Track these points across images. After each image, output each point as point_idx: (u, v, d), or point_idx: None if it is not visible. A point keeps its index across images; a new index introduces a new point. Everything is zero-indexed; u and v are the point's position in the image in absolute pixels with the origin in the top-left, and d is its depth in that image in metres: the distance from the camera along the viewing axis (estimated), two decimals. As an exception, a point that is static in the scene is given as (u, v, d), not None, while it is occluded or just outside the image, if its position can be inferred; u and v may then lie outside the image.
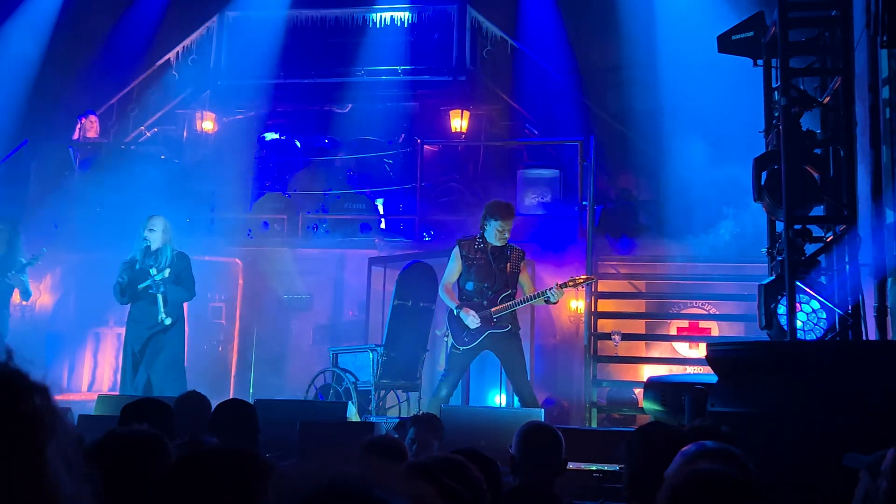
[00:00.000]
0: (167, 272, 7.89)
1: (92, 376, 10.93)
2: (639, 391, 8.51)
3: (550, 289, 7.08)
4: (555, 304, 7.40)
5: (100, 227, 10.58)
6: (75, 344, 10.89)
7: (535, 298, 7.17)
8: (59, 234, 10.67)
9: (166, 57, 13.88)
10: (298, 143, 13.45)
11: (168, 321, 7.89)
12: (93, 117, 12.47)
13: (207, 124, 13.57)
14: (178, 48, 13.98)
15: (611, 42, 12.47)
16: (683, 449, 2.56)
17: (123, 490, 2.05)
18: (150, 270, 7.88)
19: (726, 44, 6.74)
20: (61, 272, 11.07)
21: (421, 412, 5.78)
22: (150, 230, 8.00)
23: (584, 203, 10.24)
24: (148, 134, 13.81)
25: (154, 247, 7.99)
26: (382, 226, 11.58)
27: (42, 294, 10.83)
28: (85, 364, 10.92)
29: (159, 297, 7.87)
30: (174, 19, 14.11)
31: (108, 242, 9.60)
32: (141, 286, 7.92)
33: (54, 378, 10.31)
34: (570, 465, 3.75)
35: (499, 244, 7.18)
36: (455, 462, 2.09)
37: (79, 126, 12.22)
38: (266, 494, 1.58)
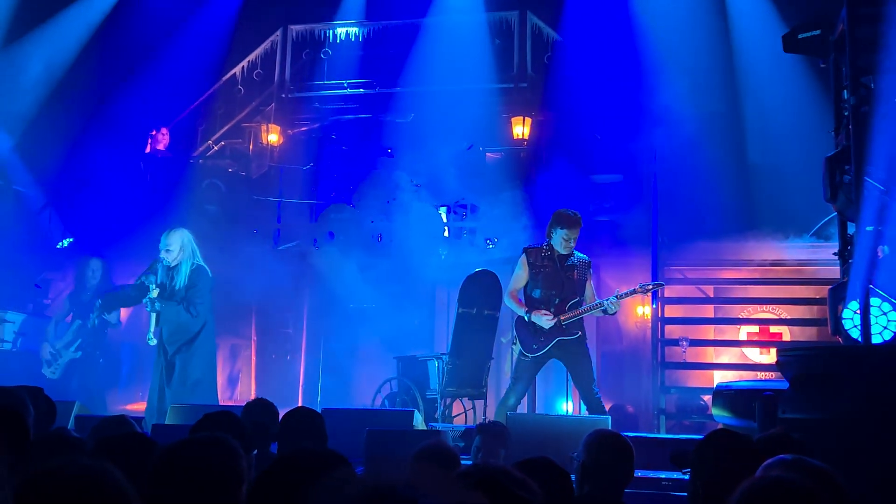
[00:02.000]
0: (156, 291, 7.72)
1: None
2: (708, 398, 8.37)
3: (608, 299, 7.02)
4: (612, 314, 7.30)
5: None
6: (148, 355, 11.12)
7: (593, 308, 7.11)
8: (132, 247, 10.93)
9: (232, 72, 14.20)
10: (362, 154, 13.57)
11: (153, 342, 7.78)
12: (164, 130, 12.82)
13: (272, 136, 13.78)
14: (244, 63, 14.28)
15: (682, 45, 12.32)
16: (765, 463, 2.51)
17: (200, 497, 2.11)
18: (150, 286, 7.76)
19: (792, 43, 6.62)
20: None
21: (487, 420, 5.77)
22: (168, 250, 7.84)
23: (649, 208, 10.12)
24: (215, 147, 14.12)
25: (171, 264, 7.84)
26: (446, 234, 11.60)
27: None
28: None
29: (153, 315, 7.78)
30: (240, 35, 14.41)
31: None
32: (143, 301, 7.87)
33: (131, 389, 10.62)
34: (639, 474, 3.72)
35: (565, 252, 7.15)
36: (503, 471, 2.07)
37: (150, 140, 12.55)
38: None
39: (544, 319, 7.01)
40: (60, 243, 11.93)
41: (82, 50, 13.67)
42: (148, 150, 12.47)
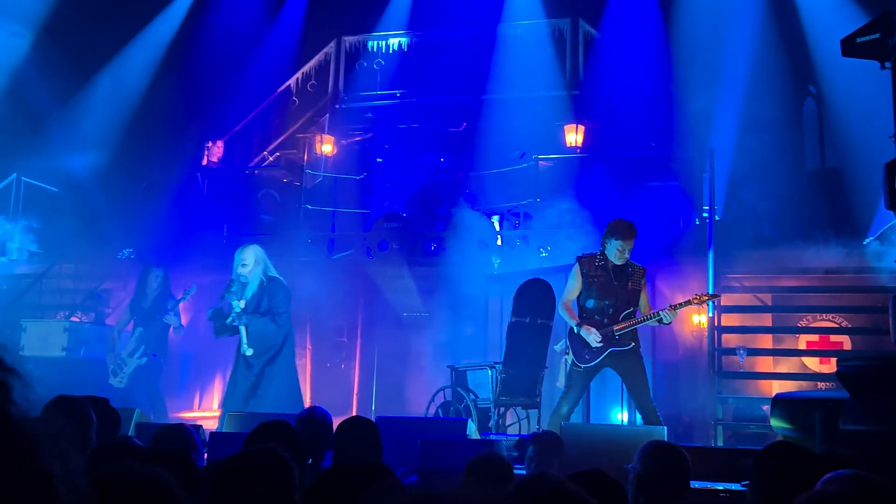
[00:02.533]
0: (243, 303, 7.87)
1: (222, 395, 11.31)
2: (767, 407, 8.23)
3: (663, 310, 6.94)
4: (668, 324, 7.21)
5: (227, 249, 11.02)
6: (206, 363, 11.31)
7: (648, 319, 7.04)
8: (189, 255, 11.12)
9: (287, 83, 14.41)
10: (414, 163, 13.65)
11: (249, 352, 7.89)
12: (219, 143, 13.06)
13: (326, 147, 13.92)
14: (298, 74, 14.48)
15: (739, 51, 12.19)
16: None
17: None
18: (233, 303, 7.91)
19: (850, 47, 6.50)
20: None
21: (540, 430, 5.74)
22: (243, 265, 7.98)
23: (705, 215, 10.01)
24: (270, 158, 14.33)
25: (248, 279, 7.97)
26: (499, 242, 11.59)
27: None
28: (215, 383, 11.32)
29: (242, 328, 7.92)
30: (294, 47, 14.64)
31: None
32: (227, 321, 8.00)
33: (187, 396, 10.82)
34: (696, 485, 3.67)
35: (619, 262, 7.10)
36: (558, 484, 2.07)
37: (206, 152, 12.81)
38: None
39: (592, 337, 6.96)
40: (121, 253, 12.19)
41: (148, 69, 14.09)
42: (204, 161, 12.71)
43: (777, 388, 8.72)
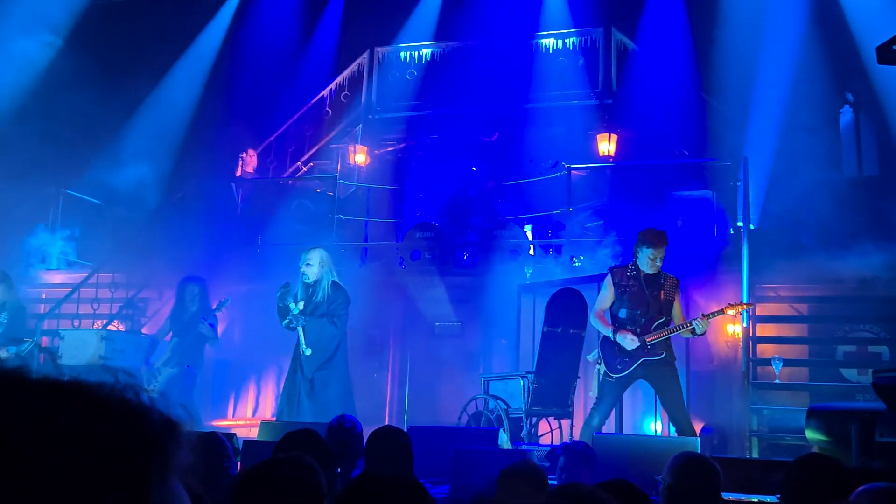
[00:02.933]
0: (301, 304, 8.04)
1: (255, 403, 11.40)
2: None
3: (695, 319, 6.90)
4: (701, 335, 7.15)
5: (261, 259, 11.13)
6: (240, 372, 11.41)
7: (681, 329, 6.99)
8: (224, 266, 11.23)
9: (320, 94, 14.52)
10: (446, 173, 13.68)
11: (308, 352, 8.02)
12: (251, 152, 13.18)
13: (360, 157, 14.00)
14: (332, 85, 14.59)
15: (773, 59, 12.09)
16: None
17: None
18: (290, 305, 8.08)
19: (886, 54, 6.42)
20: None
21: (571, 440, 5.73)
22: (308, 264, 8.18)
23: (739, 224, 9.93)
24: (304, 169, 14.44)
25: (311, 280, 8.17)
26: (531, 252, 11.58)
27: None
28: (249, 391, 11.41)
29: (300, 329, 8.09)
30: (328, 58, 14.77)
31: (269, 273, 10.08)
32: (283, 323, 8.19)
33: (221, 405, 10.91)
34: (730, 497, 3.64)
35: (651, 272, 7.07)
36: (590, 492, 2.07)
37: (241, 163, 12.94)
38: None
39: (628, 340, 6.93)
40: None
41: (190, 83, 14.34)
42: (239, 172, 12.84)
43: (814, 399, 8.61)
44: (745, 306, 7.42)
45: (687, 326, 6.92)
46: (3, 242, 11.80)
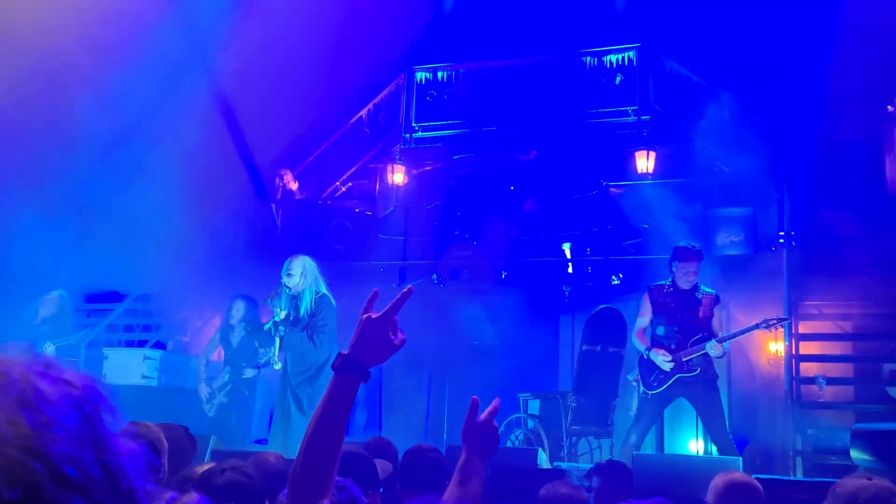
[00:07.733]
0: (284, 313, 7.48)
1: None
2: (849, 439, 7.98)
3: (708, 342, 6.83)
4: (719, 357, 7.00)
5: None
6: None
7: (704, 349, 6.89)
8: (266, 287, 11.29)
9: (359, 115, 14.65)
10: (484, 191, 13.70)
11: (277, 366, 7.51)
12: (292, 174, 13.32)
13: (398, 177, 14.07)
14: (370, 105, 14.71)
15: (813, 72, 11.97)
16: None
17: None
18: (275, 309, 7.53)
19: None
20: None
21: (606, 460, 5.68)
22: (289, 274, 7.58)
23: (780, 241, 9.81)
24: (343, 188, 14.55)
25: (293, 291, 7.57)
26: (570, 270, 11.54)
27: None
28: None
29: (276, 339, 7.54)
30: (366, 79, 14.88)
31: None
32: (265, 326, 7.73)
33: (263, 421, 10.95)
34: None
35: (687, 287, 7.01)
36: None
37: (280, 183, 13.06)
38: None
39: (660, 359, 6.87)
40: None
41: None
42: (278, 194, 12.97)
43: (858, 418, 8.45)
44: (779, 321, 7.21)
45: (699, 352, 6.85)
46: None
